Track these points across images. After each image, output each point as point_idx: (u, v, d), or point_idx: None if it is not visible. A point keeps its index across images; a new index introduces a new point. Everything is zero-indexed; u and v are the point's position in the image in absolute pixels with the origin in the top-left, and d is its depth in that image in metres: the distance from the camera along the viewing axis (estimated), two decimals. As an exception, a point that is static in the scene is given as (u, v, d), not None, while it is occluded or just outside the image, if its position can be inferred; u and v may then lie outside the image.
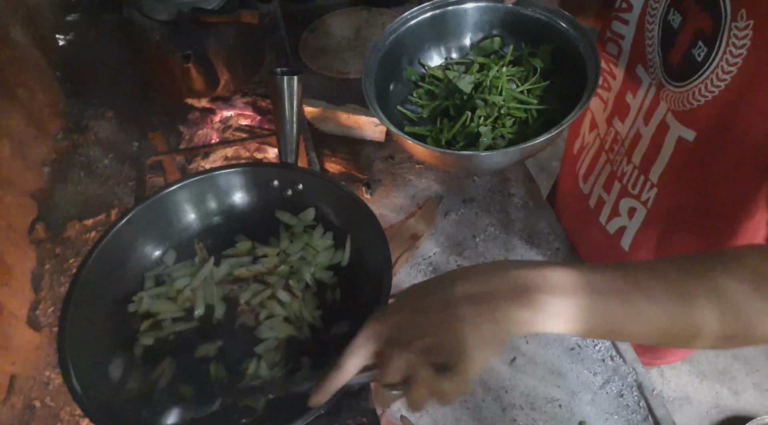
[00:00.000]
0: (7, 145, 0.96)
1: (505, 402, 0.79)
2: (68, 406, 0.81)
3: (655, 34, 0.69)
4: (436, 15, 0.87)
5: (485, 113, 0.80)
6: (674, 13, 0.66)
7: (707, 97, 0.61)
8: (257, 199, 0.81)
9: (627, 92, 0.77)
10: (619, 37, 0.77)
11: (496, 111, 0.81)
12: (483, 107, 0.80)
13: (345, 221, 0.77)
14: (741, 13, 0.55)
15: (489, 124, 0.80)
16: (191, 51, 0.90)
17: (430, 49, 0.91)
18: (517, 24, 0.87)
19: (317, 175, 0.80)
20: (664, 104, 0.69)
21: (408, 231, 0.98)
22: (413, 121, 0.86)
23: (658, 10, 0.68)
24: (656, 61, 0.70)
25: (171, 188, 0.76)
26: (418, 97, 0.89)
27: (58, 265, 0.96)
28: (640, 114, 0.75)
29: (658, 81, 0.70)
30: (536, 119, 0.81)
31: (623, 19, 0.75)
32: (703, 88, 0.61)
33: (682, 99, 0.65)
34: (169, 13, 0.94)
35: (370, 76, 0.80)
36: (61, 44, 1.29)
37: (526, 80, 0.84)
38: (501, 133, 0.79)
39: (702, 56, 0.60)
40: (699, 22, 0.61)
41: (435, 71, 0.89)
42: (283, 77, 0.73)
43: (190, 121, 1.14)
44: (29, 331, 0.87)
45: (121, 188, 1.08)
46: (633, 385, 0.80)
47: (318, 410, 0.53)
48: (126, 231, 0.71)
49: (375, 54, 0.82)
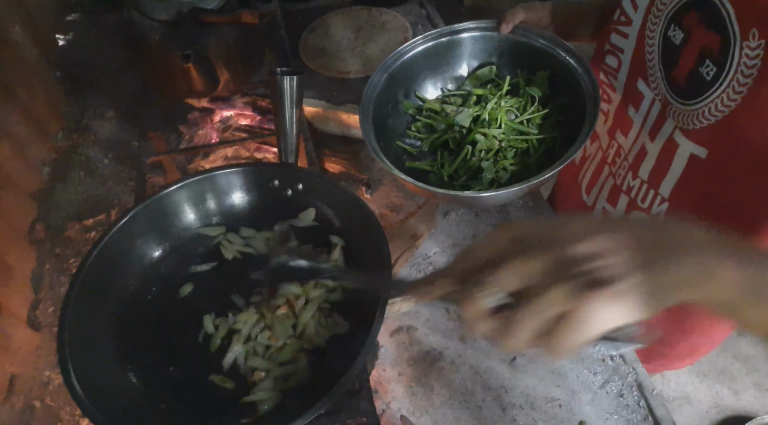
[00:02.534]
0: (7, 145, 0.96)
1: (505, 401, 0.79)
2: (68, 406, 0.81)
3: (656, 49, 0.69)
4: (431, 47, 0.87)
5: (486, 147, 0.80)
6: (675, 29, 0.65)
7: (717, 116, 0.60)
8: (257, 199, 0.81)
9: (629, 106, 0.77)
10: (618, 50, 0.76)
11: (496, 144, 0.81)
12: (483, 141, 0.80)
13: (345, 221, 0.77)
14: (753, 32, 0.54)
15: (491, 158, 0.80)
16: (191, 51, 0.90)
17: (425, 81, 0.91)
18: (513, 51, 0.87)
19: (317, 175, 0.81)
20: (671, 121, 0.68)
21: (408, 231, 0.98)
22: (413, 154, 0.86)
23: (658, 26, 0.67)
24: (658, 77, 0.69)
25: (171, 188, 0.76)
26: (416, 131, 0.88)
27: (58, 265, 0.96)
28: (644, 129, 0.74)
29: (662, 97, 0.69)
30: (537, 149, 0.81)
31: (623, 33, 0.75)
32: (713, 107, 0.60)
33: (691, 117, 0.64)
34: (169, 13, 0.94)
35: (367, 115, 0.79)
36: (61, 44, 1.29)
37: (524, 110, 0.84)
38: (503, 166, 0.79)
39: (711, 75, 0.59)
40: (704, 40, 0.60)
41: (432, 104, 0.89)
42: (283, 77, 0.73)
43: (190, 121, 1.14)
44: (29, 331, 0.87)
45: (121, 188, 1.08)
46: (633, 385, 0.80)
47: (318, 409, 0.53)
48: (126, 231, 0.71)
49: (372, 91, 0.82)
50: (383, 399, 0.78)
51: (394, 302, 0.85)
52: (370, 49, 1.35)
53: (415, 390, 0.79)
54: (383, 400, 0.78)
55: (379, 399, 0.78)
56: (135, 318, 0.70)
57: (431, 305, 0.89)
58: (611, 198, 0.84)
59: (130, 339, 0.67)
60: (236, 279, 0.75)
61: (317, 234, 0.78)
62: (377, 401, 0.76)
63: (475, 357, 0.83)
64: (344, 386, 0.55)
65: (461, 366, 0.82)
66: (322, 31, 1.42)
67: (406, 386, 0.80)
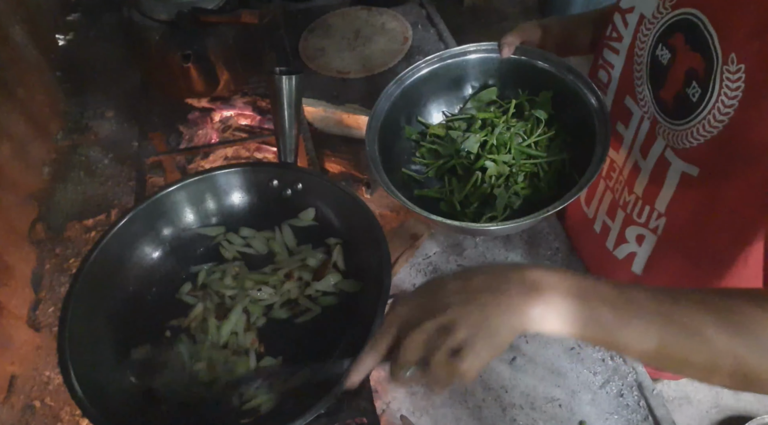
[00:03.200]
0: (7, 145, 0.96)
1: (505, 401, 0.79)
2: (68, 406, 0.81)
3: (644, 68, 0.69)
4: (432, 71, 0.86)
5: (496, 173, 0.80)
6: (662, 49, 0.65)
7: (706, 136, 0.60)
8: (257, 199, 0.81)
9: (617, 122, 0.77)
10: (609, 65, 0.77)
11: (507, 170, 0.80)
12: (493, 167, 0.80)
13: (345, 221, 0.77)
14: (731, 56, 0.55)
15: (501, 184, 0.79)
16: (191, 51, 0.90)
17: (427, 105, 0.89)
18: (514, 72, 0.86)
19: (317, 175, 0.81)
20: (661, 140, 0.68)
21: (408, 231, 0.98)
22: (419, 181, 0.85)
23: (647, 44, 0.67)
24: (646, 95, 0.69)
25: (171, 188, 0.76)
26: (421, 156, 0.87)
27: (58, 265, 0.96)
28: (635, 145, 0.74)
29: (651, 115, 0.69)
30: (546, 172, 0.81)
31: (614, 48, 0.75)
32: (700, 127, 0.60)
33: (680, 137, 0.64)
34: (169, 13, 0.94)
35: (374, 147, 0.78)
36: (61, 44, 1.29)
37: (531, 132, 0.83)
38: (515, 191, 0.79)
39: (697, 97, 0.60)
40: (690, 62, 0.60)
41: (436, 130, 0.88)
42: (282, 77, 0.73)
43: (190, 121, 1.14)
44: (29, 331, 0.87)
45: (121, 188, 1.08)
46: (633, 385, 0.80)
47: (318, 409, 0.53)
48: (126, 231, 0.71)
49: (376, 122, 0.80)
50: (383, 399, 0.78)
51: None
52: (370, 49, 1.35)
53: (415, 390, 0.79)
54: (383, 400, 0.78)
55: (379, 399, 0.78)
56: (135, 318, 0.70)
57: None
58: (610, 212, 0.84)
59: (130, 339, 0.67)
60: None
61: (317, 234, 0.78)
62: (377, 401, 0.76)
63: (475, 357, 0.83)
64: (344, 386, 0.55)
65: (461, 366, 0.82)
66: (322, 31, 1.42)
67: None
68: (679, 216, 0.71)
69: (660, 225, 0.74)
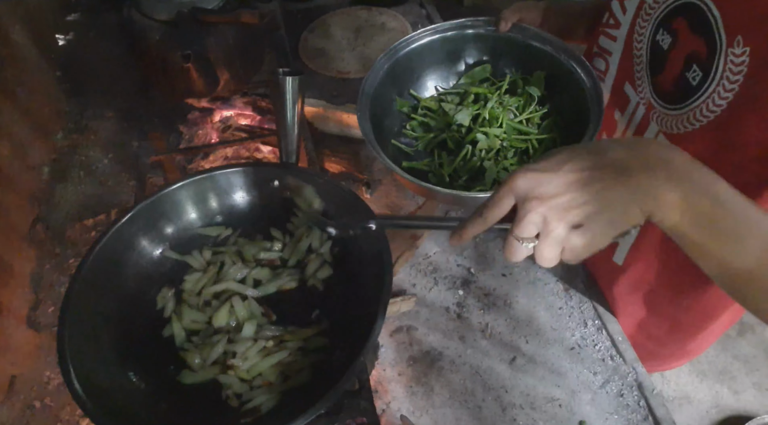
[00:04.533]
0: (7, 145, 0.96)
1: (505, 401, 0.79)
2: (68, 406, 0.81)
3: (644, 53, 0.69)
4: (426, 44, 0.85)
5: (487, 146, 0.79)
6: (663, 34, 0.65)
7: (702, 121, 0.60)
8: (257, 199, 0.81)
9: (615, 109, 0.77)
10: (606, 52, 0.76)
11: (498, 143, 0.80)
12: (484, 141, 0.79)
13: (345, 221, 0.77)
14: (737, 39, 0.55)
15: (491, 158, 0.79)
16: (191, 51, 0.90)
17: (419, 79, 0.89)
18: (509, 50, 0.86)
19: (317, 175, 0.80)
20: (654, 125, 0.68)
21: (408, 231, 0.98)
22: (409, 154, 0.85)
23: (647, 29, 0.67)
24: (645, 80, 0.69)
25: (171, 188, 0.76)
26: (411, 130, 0.87)
27: (58, 265, 0.96)
28: (628, 132, 0.74)
29: (646, 100, 0.69)
30: (536, 149, 0.80)
31: (611, 35, 0.75)
32: (698, 112, 0.61)
33: (675, 121, 0.64)
34: (169, 13, 0.94)
35: (365, 114, 0.78)
36: (61, 44, 1.29)
37: (523, 109, 0.83)
38: (504, 166, 0.78)
39: (697, 80, 0.60)
40: (691, 45, 0.60)
41: (428, 103, 0.87)
42: (285, 77, 0.73)
43: (190, 121, 1.14)
44: (29, 331, 0.87)
45: (121, 188, 1.08)
46: (633, 385, 0.80)
47: (318, 409, 0.53)
48: (126, 230, 0.71)
49: (368, 89, 0.80)
50: (383, 399, 0.78)
51: (394, 302, 0.85)
52: (370, 49, 1.35)
53: (415, 390, 0.79)
54: (383, 400, 0.78)
55: (379, 399, 0.78)
56: (135, 318, 0.70)
57: (431, 305, 0.89)
58: None
59: (130, 339, 0.67)
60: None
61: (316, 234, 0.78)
62: (377, 401, 0.76)
63: (475, 357, 0.83)
64: (344, 386, 0.55)
65: (461, 366, 0.82)
66: (322, 31, 1.42)
67: (406, 386, 0.80)
68: None
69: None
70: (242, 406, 0.63)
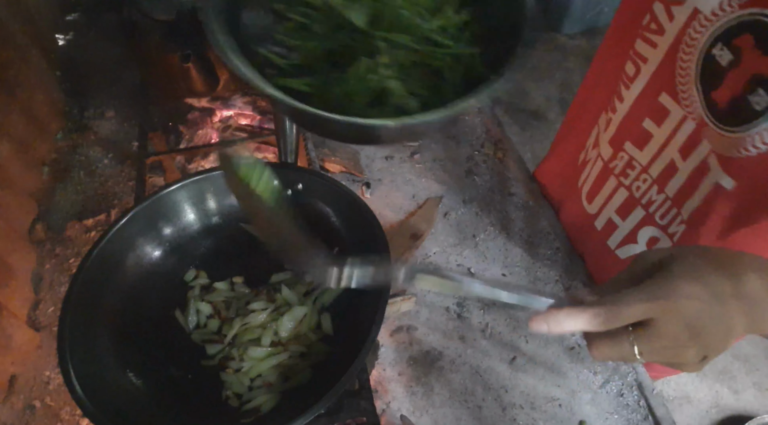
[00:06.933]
0: (7, 145, 0.96)
1: (505, 401, 0.79)
2: (68, 406, 0.81)
3: (692, 66, 0.62)
4: None
5: (389, 59, 0.56)
6: (722, 49, 0.58)
7: (760, 149, 0.56)
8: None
9: (645, 118, 0.71)
10: (641, 58, 0.70)
11: (405, 56, 0.57)
12: (387, 51, 0.57)
13: (345, 221, 0.77)
14: None
15: (396, 76, 0.57)
16: (191, 51, 0.90)
17: None
18: None
19: (317, 174, 0.80)
20: (706, 143, 0.63)
21: (408, 231, 0.98)
22: (281, 68, 0.60)
23: (699, 41, 0.61)
24: (693, 95, 0.63)
25: (171, 188, 0.76)
26: (286, 35, 0.62)
27: (58, 265, 0.96)
28: (671, 145, 0.69)
29: (697, 116, 0.64)
30: (452, 69, 0.59)
31: (651, 41, 0.68)
32: (757, 138, 0.56)
33: (729, 144, 0.59)
34: (169, 13, 0.94)
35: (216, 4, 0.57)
36: (61, 44, 1.29)
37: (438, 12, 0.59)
38: (411, 91, 0.57)
39: (763, 106, 0.54)
40: (758, 67, 0.55)
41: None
42: (283, 77, 0.73)
43: (190, 121, 1.14)
44: (29, 331, 0.87)
45: (121, 188, 1.08)
46: (633, 384, 0.80)
47: (318, 409, 0.53)
48: (126, 231, 0.71)
49: None
50: (383, 399, 0.78)
51: (394, 302, 0.85)
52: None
53: (415, 390, 0.79)
54: (383, 400, 0.78)
55: (379, 399, 0.78)
56: (135, 318, 0.70)
57: (431, 305, 0.89)
58: (622, 210, 0.81)
59: (130, 339, 0.67)
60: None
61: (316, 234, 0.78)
62: (377, 401, 0.76)
63: (475, 357, 0.83)
64: (344, 386, 0.55)
65: (461, 366, 0.82)
66: (321, 30, 1.40)
67: (406, 386, 0.80)
68: (698, 228, 0.68)
69: (679, 232, 0.71)
70: (242, 406, 0.63)
